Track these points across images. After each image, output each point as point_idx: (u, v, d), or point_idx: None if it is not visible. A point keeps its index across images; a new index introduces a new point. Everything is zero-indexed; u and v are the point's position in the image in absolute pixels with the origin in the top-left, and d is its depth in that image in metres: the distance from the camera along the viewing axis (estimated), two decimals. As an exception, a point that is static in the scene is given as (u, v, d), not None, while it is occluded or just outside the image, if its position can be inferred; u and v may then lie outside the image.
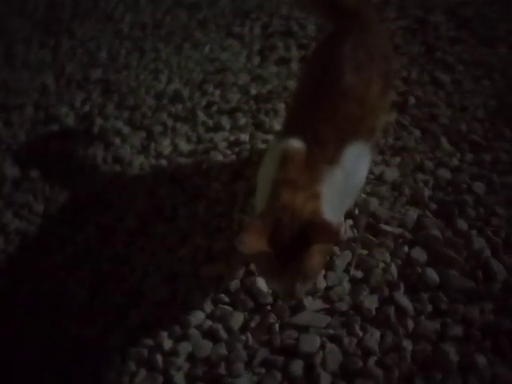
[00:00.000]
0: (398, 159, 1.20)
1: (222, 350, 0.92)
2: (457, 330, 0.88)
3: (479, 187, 1.11)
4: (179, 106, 1.52)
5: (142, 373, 0.92)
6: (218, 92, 1.54)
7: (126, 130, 1.48)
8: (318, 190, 0.80)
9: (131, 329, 0.99)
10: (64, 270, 1.15)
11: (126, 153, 1.40)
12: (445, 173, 1.15)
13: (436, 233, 1.02)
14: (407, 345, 0.87)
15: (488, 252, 0.98)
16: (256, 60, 1.65)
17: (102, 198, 1.29)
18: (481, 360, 0.83)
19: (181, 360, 0.92)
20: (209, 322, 0.97)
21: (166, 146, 1.40)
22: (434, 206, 1.09)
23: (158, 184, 1.28)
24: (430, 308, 0.92)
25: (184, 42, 1.83)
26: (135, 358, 0.94)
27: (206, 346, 0.93)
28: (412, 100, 1.35)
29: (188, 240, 1.13)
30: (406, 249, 1.01)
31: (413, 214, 1.07)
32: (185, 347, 0.94)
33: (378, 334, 0.90)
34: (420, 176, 1.15)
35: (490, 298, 0.91)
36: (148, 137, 1.44)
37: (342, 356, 0.88)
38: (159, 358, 0.93)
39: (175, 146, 1.38)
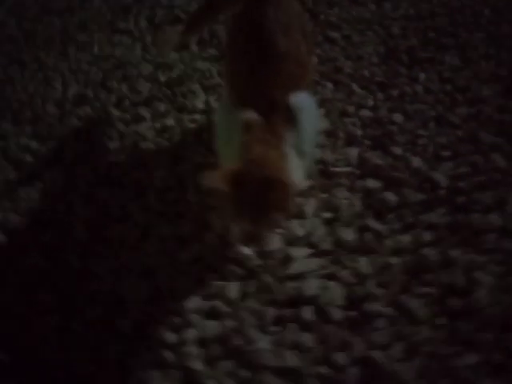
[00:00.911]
0: (323, 110, 1.25)
1: (230, 323, 0.87)
2: (426, 236, 0.96)
3: (398, 117, 1.21)
4: (87, 109, 1.37)
5: (157, 376, 0.82)
6: (124, 86, 1.43)
7: (33, 144, 1.29)
8: (283, 151, 0.82)
9: (126, 338, 0.87)
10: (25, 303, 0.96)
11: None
12: (366, 112, 1.24)
13: (379, 162, 1.10)
14: (394, 260, 0.92)
15: (425, 167, 1.09)
16: (153, 50, 1.57)
17: (38, 217, 1.11)
18: (455, 253, 0.91)
19: (192, 348, 0.84)
20: (206, 303, 0.90)
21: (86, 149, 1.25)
22: (368, 142, 1.16)
23: (93, 188, 1.15)
24: (399, 225, 0.98)
25: (67, 46, 1.65)
26: (141, 365, 0.83)
27: (212, 325, 0.87)
28: (314, 58, 1.41)
29: (151, 233, 1.03)
30: (359, 183, 1.07)
31: (353, 152, 1.13)
32: (191, 334, 0.86)
33: (365, 259, 0.93)
34: (347, 119, 1.22)
35: (440, 203, 1.01)
36: (62, 145, 1.28)
37: (344, 288, 0.89)
38: (168, 354, 0.84)
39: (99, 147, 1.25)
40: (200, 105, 1.32)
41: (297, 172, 0.86)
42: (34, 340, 0.89)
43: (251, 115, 0.84)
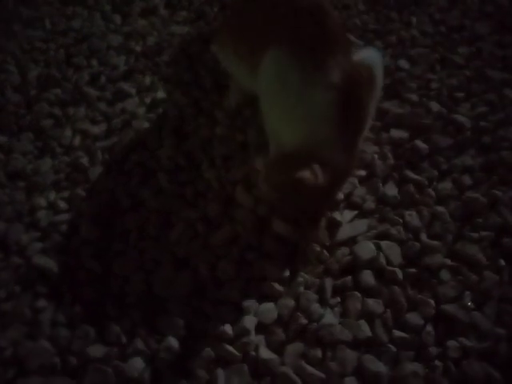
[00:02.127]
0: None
1: (289, 302, 0.78)
2: (465, 180, 0.91)
3: (404, 64, 1.14)
4: (57, 91, 1.18)
5: (220, 375, 0.72)
6: (95, 62, 1.24)
7: (2, 138, 1.09)
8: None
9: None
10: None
11: (22, 163, 1.03)
12: (370, 62, 1.16)
13: (399, 111, 1.03)
14: (441, 209, 0.87)
15: (444, 110, 1.03)
16: (117, 19, 1.37)
17: (32, 222, 0.93)
18: (498, 193, 0.88)
19: (254, 337, 0.75)
20: (256, 286, 0.80)
21: (70, 137, 1.07)
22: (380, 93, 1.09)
23: (90, 180, 0.99)
24: (435, 172, 0.93)
25: (12, 24, 1.40)
26: (202, 366, 0.73)
27: (270, 308, 0.77)
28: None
29: (173, 219, 0.90)
30: (384, 134, 1.00)
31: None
32: (249, 322, 0.76)
33: (413, 213, 0.87)
34: (353, 71, 1.13)
35: (469, 144, 0.97)
36: (40, 136, 1.08)
37: (399, 246, 0.83)
38: (229, 348, 0.73)
39: (84, 133, 1.07)
40: (188, 73, 1.17)
41: None
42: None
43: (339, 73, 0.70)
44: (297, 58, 0.70)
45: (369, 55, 0.76)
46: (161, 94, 1.12)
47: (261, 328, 0.76)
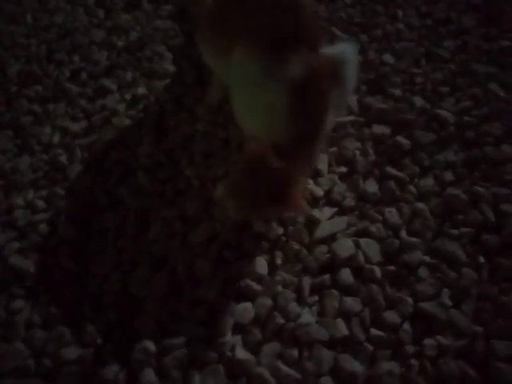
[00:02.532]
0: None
1: (266, 301, 0.77)
2: (447, 176, 0.90)
3: (389, 58, 1.12)
4: (38, 87, 1.15)
5: (196, 376, 0.71)
6: (76, 57, 1.22)
7: (-18, 136, 1.07)
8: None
9: (150, 340, 0.75)
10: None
11: (1, 161, 1.01)
12: (354, 56, 1.14)
13: (382, 106, 1.01)
14: (421, 206, 0.86)
15: (428, 105, 1.02)
16: (100, 13, 1.34)
17: (11, 220, 0.92)
18: (479, 189, 0.86)
19: (230, 337, 0.74)
20: (232, 284, 0.79)
21: (49, 134, 1.05)
22: (364, 88, 1.07)
23: (69, 179, 0.97)
24: (417, 169, 0.91)
25: (-8, 18, 1.38)
26: (176, 367, 0.72)
27: (247, 308, 0.76)
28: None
29: (151, 217, 0.89)
30: (367, 130, 0.98)
31: (352, 99, 1.04)
32: (225, 322, 0.75)
33: (393, 210, 0.86)
34: (337, 66, 1.11)
35: (452, 140, 0.96)
36: (19, 133, 1.07)
37: (378, 243, 0.82)
38: (205, 349, 0.72)
39: (63, 130, 1.06)
40: (171, 68, 1.15)
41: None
42: (39, 362, 0.75)
43: (299, 66, 0.70)
44: (259, 52, 0.72)
45: (340, 49, 0.75)
46: (142, 90, 1.10)
47: (238, 328, 0.75)
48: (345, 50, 0.76)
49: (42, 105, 1.12)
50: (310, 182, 0.90)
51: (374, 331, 0.73)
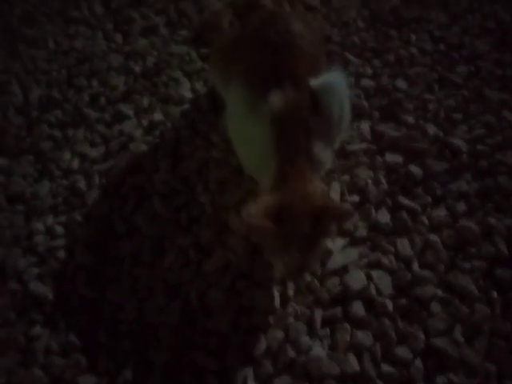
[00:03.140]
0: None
1: (278, 334, 0.77)
2: (460, 206, 0.89)
3: (401, 83, 1.13)
4: (58, 112, 1.18)
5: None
6: (95, 82, 1.25)
7: (3, 161, 1.10)
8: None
9: (163, 371, 0.76)
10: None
11: (21, 186, 1.04)
12: (367, 82, 1.14)
13: (394, 134, 1.01)
14: (434, 237, 0.85)
15: (441, 133, 1.01)
16: (118, 38, 1.37)
17: (29, 245, 0.94)
18: (492, 221, 0.86)
19: (241, 370, 0.74)
20: (244, 315, 0.80)
21: (68, 159, 1.08)
22: (377, 114, 1.07)
23: (87, 205, 0.99)
24: (429, 199, 0.91)
25: (16, 43, 1.42)
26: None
27: (259, 340, 0.77)
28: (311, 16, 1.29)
29: (166, 245, 0.90)
30: (379, 158, 0.98)
31: (365, 126, 1.04)
32: (236, 354, 0.76)
33: (405, 241, 0.86)
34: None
35: (465, 169, 0.95)
36: (39, 158, 1.09)
37: (390, 276, 0.82)
38: (215, 381, 0.73)
39: (82, 156, 1.08)
40: (187, 93, 1.17)
41: (324, 163, 0.78)
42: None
43: (279, 98, 0.73)
44: (248, 87, 0.77)
45: (326, 79, 0.77)
46: (158, 116, 1.12)
47: (249, 360, 0.75)
48: (330, 79, 0.78)
49: (62, 130, 1.14)
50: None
51: (385, 367, 0.73)
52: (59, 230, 0.95)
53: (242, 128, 0.79)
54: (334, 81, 0.80)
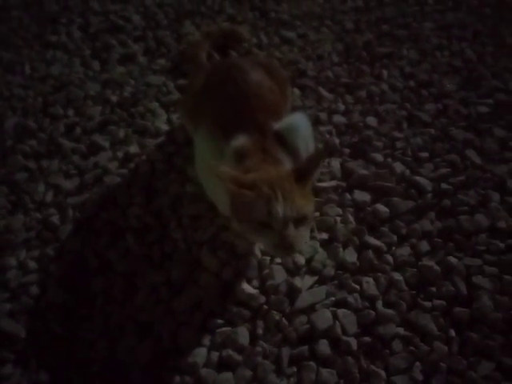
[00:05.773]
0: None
1: (246, 372, 0.82)
2: (423, 245, 0.96)
3: (372, 121, 1.19)
4: (32, 142, 1.21)
5: None
6: (71, 111, 1.28)
7: (-24, 192, 1.12)
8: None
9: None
10: None
11: (-6, 219, 1.06)
12: (339, 118, 1.20)
13: (363, 172, 1.08)
14: (397, 276, 0.91)
15: (407, 172, 1.08)
16: (95, 65, 1.41)
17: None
18: (452, 260, 0.92)
19: (210, 408, 0.78)
20: (215, 354, 0.84)
21: (42, 192, 1.11)
22: (347, 151, 1.13)
23: (60, 240, 1.02)
24: (394, 238, 0.97)
25: (-10, 67, 1.44)
26: None
27: (228, 378, 0.81)
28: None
29: (138, 282, 0.94)
30: (348, 196, 1.04)
31: (335, 163, 1.10)
32: (206, 393, 0.80)
33: (370, 280, 0.91)
34: (322, 128, 1.18)
35: (430, 208, 1.02)
36: (13, 190, 1.12)
37: (355, 314, 0.87)
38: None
39: (56, 188, 1.11)
40: (163, 125, 1.21)
41: None
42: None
43: (244, 140, 0.84)
44: (212, 132, 0.90)
45: (290, 120, 0.91)
46: (134, 149, 1.16)
47: (218, 399, 0.79)
48: (295, 121, 0.91)
49: (37, 161, 1.17)
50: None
51: (348, 404, 0.78)
52: (32, 264, 0.98)
53: (207, 169, 0.84)
54: (297, 122, 0.91)
